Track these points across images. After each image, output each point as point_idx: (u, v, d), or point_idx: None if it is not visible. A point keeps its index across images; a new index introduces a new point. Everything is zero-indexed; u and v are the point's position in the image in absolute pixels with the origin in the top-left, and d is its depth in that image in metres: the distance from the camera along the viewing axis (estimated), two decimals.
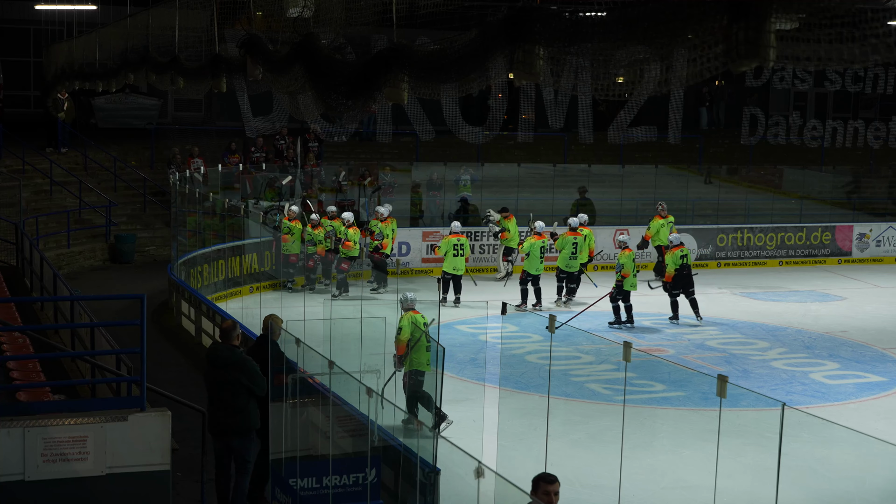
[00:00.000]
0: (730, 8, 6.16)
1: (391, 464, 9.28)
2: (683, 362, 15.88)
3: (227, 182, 24.06)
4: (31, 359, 10.73)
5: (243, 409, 9.63)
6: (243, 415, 9.64)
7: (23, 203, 22.89)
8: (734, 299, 21.18)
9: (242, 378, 9.60)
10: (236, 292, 19.69)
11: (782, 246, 25.96)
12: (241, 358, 9.71)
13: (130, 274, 22.63)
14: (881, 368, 16.18)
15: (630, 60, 7.07)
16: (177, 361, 15.42)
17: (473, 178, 25.92)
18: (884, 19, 5.89)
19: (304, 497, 8.90)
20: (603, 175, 28.71)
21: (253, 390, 9.64)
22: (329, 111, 12.16)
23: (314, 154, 26.22)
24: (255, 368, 9.67)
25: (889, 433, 11.72)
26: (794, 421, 9.02)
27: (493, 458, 10.73)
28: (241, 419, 9.63)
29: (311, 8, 11.90)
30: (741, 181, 31.33)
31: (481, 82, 8.82)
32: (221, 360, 9.77)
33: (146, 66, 17.86)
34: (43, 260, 16.00)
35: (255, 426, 9.77)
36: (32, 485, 7.89)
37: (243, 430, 9.67)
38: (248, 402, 9.65)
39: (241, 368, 9.63)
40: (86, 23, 25.79)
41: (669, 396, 14.43)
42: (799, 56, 6.16)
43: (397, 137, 30.07)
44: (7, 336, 11.63)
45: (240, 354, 9.76)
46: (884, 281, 23.96)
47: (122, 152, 27.56)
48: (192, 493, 9.93)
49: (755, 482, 10.61)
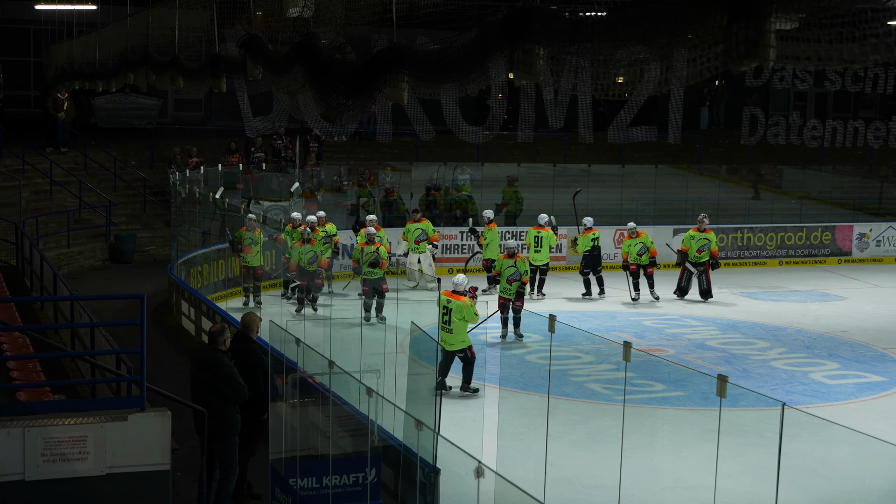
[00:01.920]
0: (730, 8, 6.16)
1: (391, 464, 9.28)
2: (683, 362, 15.87)
3: (228, 182, 24.05)
4: (31, 359, 10.73)
5: (220, 414, 9.53)
6: (220, 419, 9.53)
7: (23, 203, 22.90)
8: (734, 299, 21.18)
9: (220, 383, 9.52)
10: (236, 292, 19.69)
11: (782, 246, 25.96)
12: (220, 362, 9.60)
13: (130, 274, 22.64)
14: (881, 368, 16.18)
15: (630, 60, 7.07)
16: (177, 361, 15.42)
17: (473, 178, 25.91)
18: (884, 19, 5.89)
19: (304, 497, 8.90)
20: (603, 175, 28.71)
21: (230, 396, 9.58)
22: (329, 111, 12.16)
23: (314, 154, 26.21)
24: (233, 374, 9.57)
25: (889, 433, 11.72)
26: (793, 421, 9.02)
27: (493, 458, 10.72)
28: (219, 423, 9.53)
29: (311, 8, 11.91)
30: (741, 181, 31.32)
31: (481, 82, 8.82)
32: (202, 361, 9.74)
33: (146, 66, 17.87)
34: (43, 260, 16.00)
35: (236, 431, 9.69)
36: (32, 485, 7.89)
37: (220, 435, 9.58)
38: (225, 406, 9.56)
39: (219, 373, 9.54)
40: (86, 23, 25.82)
41: (669, 396, 14.43)
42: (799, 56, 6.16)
43: (397, 137, 30.06)
44: (7, 336, 11.63)
45: (220, 358, 9.63)
46: (884, 281, 23.95)
47: (122, 152, 27.57)
48: (191, 493, 9.93)
49: (755, 482, 10.60)
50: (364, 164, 26.79)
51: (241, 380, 9.58)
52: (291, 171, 25.16)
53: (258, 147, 26.18)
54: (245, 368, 9.82)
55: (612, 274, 22.25)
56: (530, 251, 20.63)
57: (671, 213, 26.36)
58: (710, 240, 20.38)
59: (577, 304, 20.21)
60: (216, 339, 9.76)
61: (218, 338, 9.75)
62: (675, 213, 26.36)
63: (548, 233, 20.60)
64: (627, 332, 17.92)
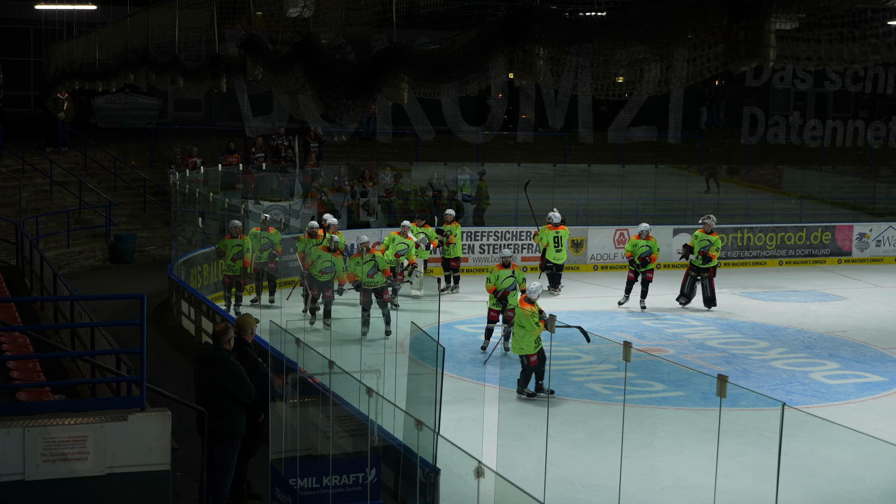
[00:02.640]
0: (730, 8, 6.16)
1: (391, 464, 9.28)
2: (683, 362, 15.87)
3: (228, 182, 24.05)
4: (31, 359, 10.72)
5: (226, 414, 9.51)
6: (226, 419, 9.52)
7: (23, 203, 22.89)
8: (734, 299, 21.18)
9: (227, 382, 9.50)
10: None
11: (782, 246, 25.96)
12: (227, 361, 9.59)
13: (130, 274, 22.63)
14: (881, 368, 16.18)
15: (630, 60, 7.07)
16: (177, 361, 15.42)
17: (472, 178, 25.92)
18: (884, 19, 5.89)
19: (304, 497, 8.90)
20: (603, 175, 28.71)
21: (237, 396, 9.58)
22: (329, 111, 12.16)
23: (315, 154, 26.21)
24: (241, 374, 9.54)
25: (889, 433, 11.73)
26: (793, 421, 9.03)
27: (493, 458, 10.72)
28: (223, 424, 9.51)
29: (311, 8, 11.92)
30: (741, 181, 31.32)
31: (481, 82, 8.82)
32: (208, 360, 9.72)
33: (146, 65, 17.86)
34: (43, 260, 15.99)
35: (240, 433, 9.67)
36: (32, 485, 7.88)
37: (224, 436, 9.56)
38: (231, 407, 9.54)
39: (226, 372, 9.52)
40: (86, 23, 25.81)
41: (669, 396, 14.43)
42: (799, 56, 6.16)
43: (397, 137, 30.06)
44: (7, 336, 11.63)
45: (227, 357, 9.62)
46: (884, 281, 23.95)
47: (122, 152, 27.56)
48: (191, 492, 9.93)
49: (755, 482, 10.61)
50: (364, 163, 26.79)
51: (248, 379, 9.58)
52: (291, 171, 25.15)
53: (259, 147, 26.18)
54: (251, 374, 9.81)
55: (611, 274, 22.27)
56: (549, 250, 20.59)
57: (671, 213, 26.36)
58: (713, 242, 19.71)
59: (577, 303, 20.19)
60: (220, 338, 9.75)
61: (222, 337, 9.75)
62: (675, 213, 26.36)
63: (565, 231, 20.71)
64: (627, 332, 17.92)
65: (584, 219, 25.04)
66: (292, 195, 24.12)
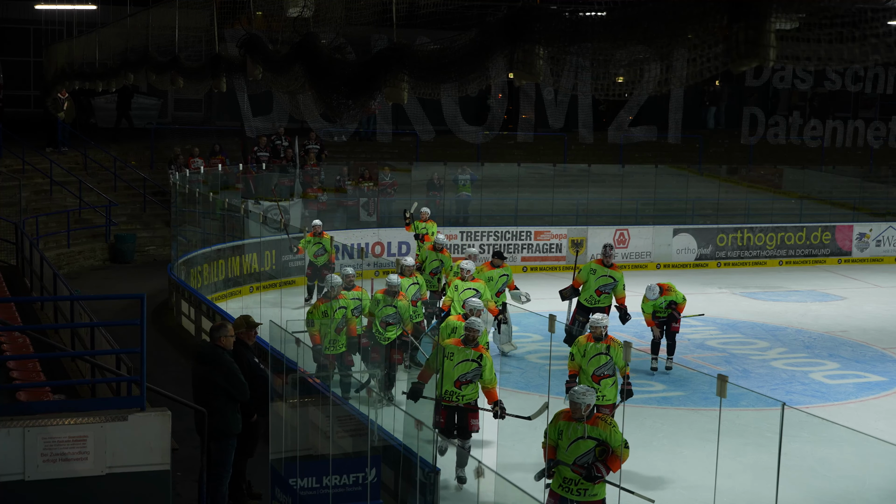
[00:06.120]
0: (730, 8, 6.16)
1: (391, 464, 9.28)
2: (683, 362, 15.87)
3: (227, 182, 24.05)
4: (31, 359, 10.72)
5: (219, 411, 9.50)
6: (219, 416, 9.50)
7: (23, 203, 22.89)
8: (734, 299, 21.18)
9: (220, 379, 9.50)
10: (236, 292, 19.69)
11: (782, 246, 25.96)
12: (220, 358, 9.58)
13: (130, 274, 22.63)
14: (881, 368, 16.18)
15: (630, 60, 7.07)
16: (177, 361, 15.41)
17: (473, 178, 25.92)
18: (884, 19, 5.89)
19: (304, 497, 8.90)
20: (603, 175, 28.71)
21: (231, 393, 9.57)
22: (329, 111, 12.16)
23: (314, 154, 26.21)
24: (234, 371, 9.52)
25: (889, 433, 11.74)
26: (793, 421, 9.03)
27: (493, 458, 10.73)
28: (217, 421, 9.50)
29: (311, 8, 11.91)
30: (741, 181, 31.33)
31: (481, 82, 8.82)
32: (203, 357, 9.72)
33: (146, 65, 17.86)
34: (43, 260, 15.99)
35: (236, 430, 9.65)
36: (32, 485, 7.88)
37: (218, 434, 9.55)
38: (226, 404, 9.53)
39: (220, 369, 9.51)
40: (86, 23, 25.77)
41: (669, 396, 14.43)
42: (799, 56, 6.16)
43: (397, 137, 30.07)
44: (7, 336, 11.63)
45: (220, 354, 9.60)
46: (884, 281, 23.95)
47: (122, 152, 27.57)
48: (191, 492, 9.93)
49: (755, 482, 10.61)
50: (364, 163, 26.80)
51: (241, 377, 9.55)
52: (292, 171, 25.15)
53: (262, 147, 26.14)
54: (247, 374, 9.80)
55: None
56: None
57: (671, 213, 26.36)
58: (617, 278, 15.59)
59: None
60: (214, 334, 9.74)
61: (217, 332, 9.73)
62: (675, 213, 26.37)
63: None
64: (627, 332, 17.90)
65: (584, 219, 25.05)
66: (292, 195, 24.12)
